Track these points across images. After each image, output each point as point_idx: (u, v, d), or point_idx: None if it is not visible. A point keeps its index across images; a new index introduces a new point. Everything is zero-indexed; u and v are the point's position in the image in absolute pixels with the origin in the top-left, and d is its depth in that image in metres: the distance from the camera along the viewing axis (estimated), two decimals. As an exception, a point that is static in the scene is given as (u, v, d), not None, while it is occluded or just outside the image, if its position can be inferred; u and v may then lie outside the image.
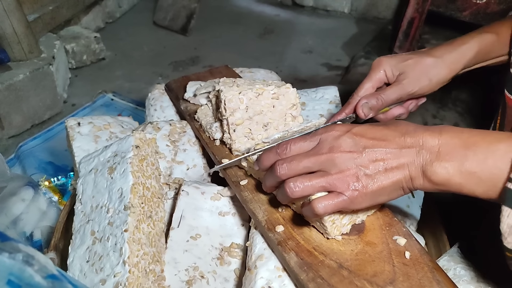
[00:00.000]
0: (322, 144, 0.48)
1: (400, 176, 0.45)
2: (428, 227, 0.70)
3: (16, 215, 0.85)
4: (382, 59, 0.68)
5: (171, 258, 0.58)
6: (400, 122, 0.48)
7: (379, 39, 1.80)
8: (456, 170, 0.43)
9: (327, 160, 0.46)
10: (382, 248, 0.50)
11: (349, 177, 0.45)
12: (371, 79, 0.69)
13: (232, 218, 0.64)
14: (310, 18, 2.26)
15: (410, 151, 0.45)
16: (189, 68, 1.80)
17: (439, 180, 0.43)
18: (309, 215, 0.48)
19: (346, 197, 0.45)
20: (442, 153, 0.43)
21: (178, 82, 0.89)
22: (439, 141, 0.44)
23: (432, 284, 0.45)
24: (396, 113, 0.71)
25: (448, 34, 1.66)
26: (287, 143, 0.50)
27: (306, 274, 0.47)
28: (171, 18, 2.10)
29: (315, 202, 0.46)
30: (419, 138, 0.45)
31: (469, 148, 0.43)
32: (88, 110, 1.46)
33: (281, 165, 0.48)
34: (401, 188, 0.46)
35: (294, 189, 0.46)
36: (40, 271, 0.30)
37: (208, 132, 0.72)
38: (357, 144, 0.46)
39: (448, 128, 0.45)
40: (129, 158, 0.60)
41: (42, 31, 1.52)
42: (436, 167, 0.43)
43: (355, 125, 0.49)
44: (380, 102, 0.66)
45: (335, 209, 0.46)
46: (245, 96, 0.63)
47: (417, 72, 0.66)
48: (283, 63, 1.84)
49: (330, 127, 0.49)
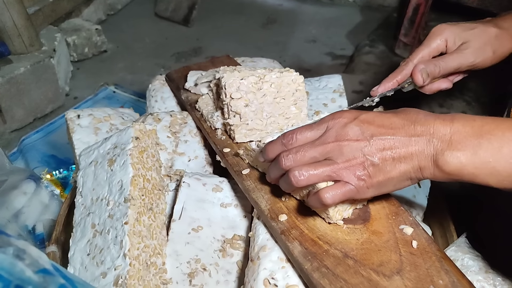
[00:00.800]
0: (328, 132, 0.46)
1: (408, 166, 0.43)
2: (435, 217, 0.69)
3: (18, 208, 0.84)
4: (445, 26, 0.64)
5: (173, 251, 0.57)
6: (410, 110, 0.46)
7: (384, 27, 1.77)
8: (469, 159, 0.41)
9: (333, 149, 0.45)
10: (389, 237, 0.49)
11: (355, 166, 0.44)
12: (429, 46, 0.65)
13: (234, 210, 0.63)
14: (313, 7, 2.23)
15: (420, 139, 0.43)
16: (191, 59, 1.78)
17: (451, 169, 0.42)
18: (316, 205, 0.47)
19: (353, 187, 0.44)
20: (454, 142, 0.41)
21: (179, 72, 0.87)
22: (451, 129, 0.42)
23: (440, 273, 0.44)
24: (442, 86, 0.67)
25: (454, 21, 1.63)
26: (292, 132, 0.49)
27: (311, 264, 0.46)
28: (172, 9, 2.08)
29: (322, 192, 0.45)
30: (429, 126, 0.43)
31: (483, 136, 0.41)
32: (90, 102, 1.46)
33: (286, 156, 0.47)
34: (409, 179, 0.45)
35: (299, 178, 0.45)
36: (31, 265, 0.29)
37: (209, 121, 0.70)
38: (364, 132, 0.44)
39: (460, 116, 0.43)
40: (128, 150, 0.60)
41: (43, 23, 1.51)
42: (448, 156, 0.41)
43: (363, 112, 0.47)
44: (438, 69, 0.63)
45: (342, 198, 0.45)
46: (246, 80, 0.61)
47: (481, 43, 0.63)
48: (286, 52, 1.82)
49: (338, 114, 0.47)
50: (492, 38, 0.63)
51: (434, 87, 0.67)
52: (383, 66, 1.48)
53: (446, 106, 1.22)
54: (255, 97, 0.62)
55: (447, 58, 0.63)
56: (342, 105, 0.80)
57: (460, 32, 0.64)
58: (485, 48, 0.63)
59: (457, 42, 0.64)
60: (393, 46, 1.56)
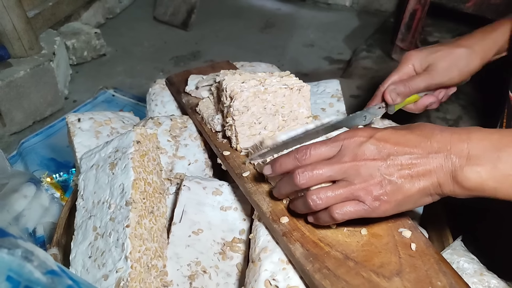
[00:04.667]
0: (344, 151, 0.45)
1: (428, 183, 0.43)
2: (431, 220, 0.70)
3: (19, 211, 0.85)
4: (411, 53, 0.69)
5: (173, 253, 0.58)
6: (425, 125, 0.46)
7: (381, 32, 1.78)
8: (489, 174, 0.41)
9: (350, 169, 0.44)
10: (388, 240, 0.49)
11: (373, 186, 0.44)
12: (399, 71, 0.69)
13: (234, 213, 0.64)
14: (311, 11, 2.24)
15: (437, 156, 0.42)
16: (190, 63, 1.79)
17: (472, 185, 0.41)
18: (325, 219, 0.47)
19: (367, 206, 0.44)
20: (473, 157, 0.41)
21: (179, 76, 0.88)
22: (468, 144, 0.42)
23: (438, 275, 0.45)
24: (426, 103, 0.70)
25: (451, 26, 1.65)
26: (306, 148, 0.47)
27: (312, 265, 0.46)
28: (171, 13, 2.09)
29: (333, 208, 0.45)
30: (446, 142, 0.43)
31: (501, 149, 0.41)
32: (89, 106, 1.46)
33: (302, 173, 0.45)
34: (429, 195, 0.45)
35: (317, 202, 0.45)
36: (39, 266, 0.30)
37: (210, 124, 0.71)
38: (381, 151, 0.44)
39: (476, 129, 0.43)
40: (130, 154, 0.60)
41: (43, 27, 1.52)
42: (468, 172, 0.41)
43: (378, 130, 0.46)
44: (407, 88, 0.66)
45: (353, 216, 0.45)
46: (247, 84, 0.62)
47: (446, 64, 0.66)
48: (284, 57, 1.83)
49: (352, 132, 0.47)
50: (457, 59, 0.66)
51: (420, 105, 0.71)
52: (380, 71, 1.49)
53: (442, 111, 1.23)
54: (256, 101, 0.62)
55: (415, 79, 0.67)
56: (340, 110, 0.81)
57: (425, 56, 0.67)
58: (450, 69, 0.66)
59: (423, 65, 0.68)
60: (390, 51, 1.58)
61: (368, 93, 1.28)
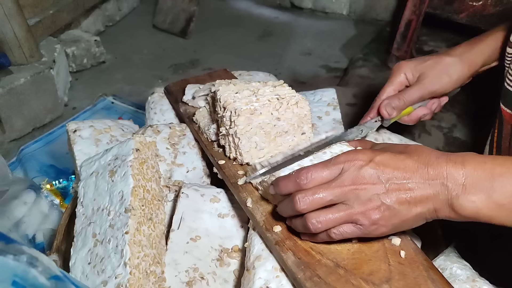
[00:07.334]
0: (344, 174, 0.46)
1: (424, 209, 0.45)
2: (424, 227, 0.71)
3: (18, 218, 0.86)
4: (402, 63, 0.71)
5: (172, 260, 0.59)
6: (422, 151, 0.47)
7: (377, 41, 1.81)
8: (484, 203, 0.42)
9: (350, 193, 0.46)
10: (378, 247, 0.51)
11: (371, 210, 0.45)
12: (392, 82, 0.71)
13: (231, 220, 0.65)
14: (308, 20, 2.27)
15: (434, 183, 0.44)
16: (189, 71, 1.81)
17: (468, 213, 0.43)
18: (323, 238, 0.48)
19: (364, 229, 0.46)
20: (468, 186, 0.43)
21: (177, 85, 0.90)
22: (464, 173, 0.43)
23: (427, 282, 0.46)
24: (420, 114, 0.72)
25: (445, 36, 1.67)
26: (307, 171, 0.48)
27: (303, 273, 0.47)
28: (170, 21, 2.11)
29: (331, 229, 0.46)
30: (442, 169, 0.44)
31: (495, 179, 0.42)
32: (88, 113, 1.47)
33: (302, 198, 0.46)
34: (424, 219, 0.47)
35: (317, 226, 0.46)
36: (44, 272, 0.31)
37: (206, 134, 0.73)
38: (380, 176, 0.45)
39: (470, 157, 0.44)
40: (129, 161, 0.61)
41: (43, 35, 1.54)
42: (464, 200, 0.43)
43: (377, 153, 0.47)
44: (402, 102, 0.68)
45: (350, 236, 0.47)
46: (240, 94, 0.63)
47: (437, 71, 0.68)
48: (282, 65, 1.85)
49: (352, 155, 0.48)
50: (446, 66, 0.68)
51: (414, 117, 0.72)
52: (376, 79, 1.51)
53: (437, 119, 1.25)
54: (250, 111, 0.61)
55: (408, 91, 0.69)
56: (335, 118, 0.83)
57: (416, 66, 0.69)
58: (441, 76, 0.68)
59: (415, 75, 0.70)
60: (386, 59, 1.60)
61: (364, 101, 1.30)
